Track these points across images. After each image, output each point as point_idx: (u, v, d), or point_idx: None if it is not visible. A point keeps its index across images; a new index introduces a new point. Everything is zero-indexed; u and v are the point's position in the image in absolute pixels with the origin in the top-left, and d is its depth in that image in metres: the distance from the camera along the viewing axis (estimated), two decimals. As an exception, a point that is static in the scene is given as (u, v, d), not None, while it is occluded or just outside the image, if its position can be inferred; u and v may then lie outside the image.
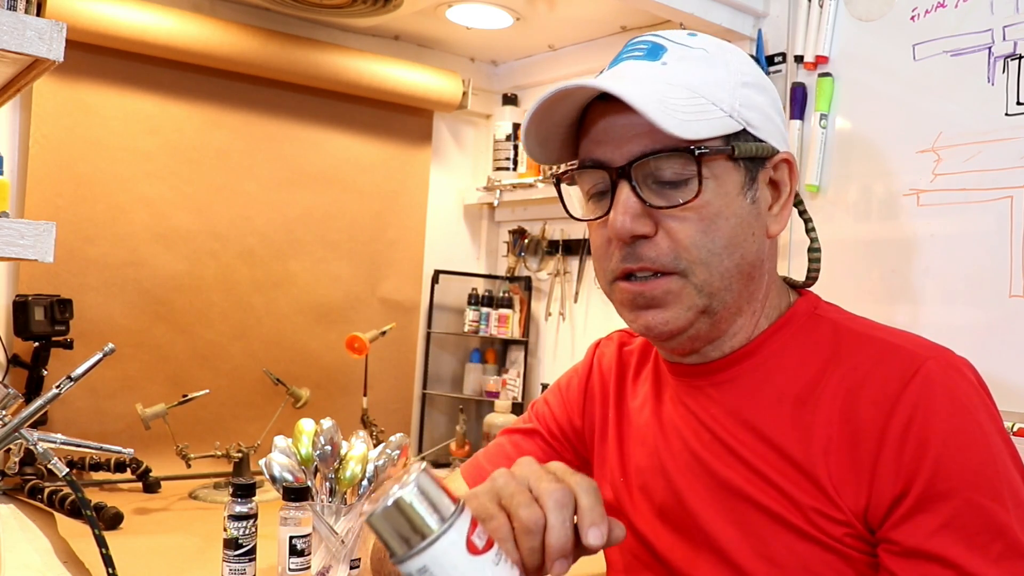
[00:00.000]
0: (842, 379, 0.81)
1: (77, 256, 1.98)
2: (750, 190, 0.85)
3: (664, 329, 0.84)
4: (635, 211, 0.81)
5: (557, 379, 1.12)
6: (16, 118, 1.95)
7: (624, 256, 0.83)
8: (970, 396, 0.77)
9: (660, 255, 0.82)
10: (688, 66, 0.83)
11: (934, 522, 0.73)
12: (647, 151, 0.81)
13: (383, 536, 0.57)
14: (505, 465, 1.05)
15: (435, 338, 2.59)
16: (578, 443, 1.05)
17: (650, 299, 0.83)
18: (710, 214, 0.82)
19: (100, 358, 1.13)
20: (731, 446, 0.85)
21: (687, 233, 0.81)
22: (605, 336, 1.10)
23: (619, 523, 0.65)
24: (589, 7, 2.11)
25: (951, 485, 0.73)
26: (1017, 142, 1.50)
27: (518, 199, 2.50)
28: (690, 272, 0.82)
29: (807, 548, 0.78)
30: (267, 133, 2.25)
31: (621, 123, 0.82)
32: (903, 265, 1.65)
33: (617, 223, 0.81)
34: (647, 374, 0.99)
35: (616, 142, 0.82)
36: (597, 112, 0.85)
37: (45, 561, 1.39)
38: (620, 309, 0.88)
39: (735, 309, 0.86)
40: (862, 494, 0.77)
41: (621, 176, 0.82)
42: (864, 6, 1.73)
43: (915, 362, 0.78)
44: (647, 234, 0.82)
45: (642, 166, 0.81)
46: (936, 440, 0.74)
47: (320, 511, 1.25)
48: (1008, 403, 1.45)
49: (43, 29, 0.90)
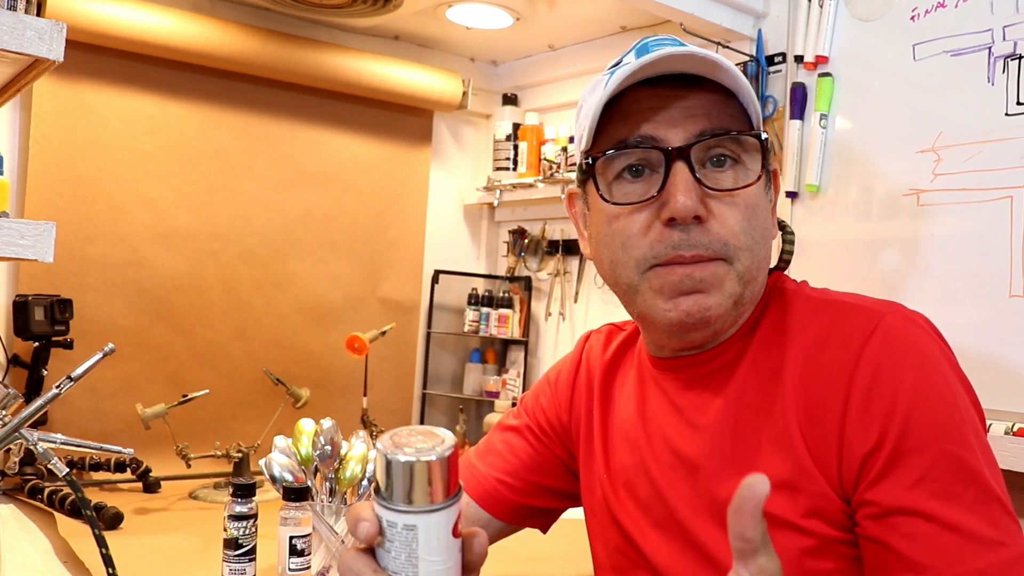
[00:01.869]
0: (801, 346, 0.81)
1: (77, 256, 1.98)
2: (768, 188, 0.87)
3: (705, 315, 0.82)
4: (697, 192, 0.80)
5: (546, 372, 1.11)
6: (16, 118, 1.95)
7: (676, 243, 0.81)
8: (931, 347, 0.77)
9: (712, 240, 0.81)
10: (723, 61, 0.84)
11: (909, 477, 0.73)
12: (712, 131, 0.81)
13: (391, 479, 0.59)
14: (496, 462, 1.06)
15: (435, 338, 2.59)
16: (566, 439, 1.05)
17: (698, 282, 0.81)
18: (753, 203, 0.83)
19: (100, 358, 1.13)
20: (711, 438, 0.85)
21: (737, 219, 0.81)
22: (596, 329, 1.09)
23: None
24: (589, 7, 2.11)
25: (923, 439, 0.74)
26: (1017, 142, 1.50)
27: (518, 199, 2.50)
28: (736, 259, 0.82)
29: (786, 537, 0.78)
30: (267, 133, 2.25)
31: (677, 104, 0.82)
32: (903, 265, 1.65)
33: (680, 203, 0.79)
34: (631, 369, 0.99)
35: (671, 122, 0.82)
36: (642, 93, 0.83)
37: (45, 561, 1.39)
38: (654, 297, 0.83)
39: (750, 303, 0.86)
40: (832, 456, 0.77)
41: (679, 157, 0.80)
42: (864, 6, 1.73)
43: (872, 319, 0.78)
44: (703, 217, 0.81)
45: (702, 147, 0.81)
46: (903, 395, 0.74)
47: (320, 511, 1.25)
48: (1008, 403, 1.45)
49: (43, 29, 0.90)
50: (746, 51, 1.90)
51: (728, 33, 1.89)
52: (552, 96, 2.50)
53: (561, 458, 1.05)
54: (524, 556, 1.47)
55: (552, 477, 1.05)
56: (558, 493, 1.06)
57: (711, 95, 0.82)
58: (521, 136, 2.50)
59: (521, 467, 1.04)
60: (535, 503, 1.05)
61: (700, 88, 0.82)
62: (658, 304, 0.83)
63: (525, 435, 1.06)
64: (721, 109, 0.83)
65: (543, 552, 1.51)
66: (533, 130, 2.48)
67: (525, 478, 1.04)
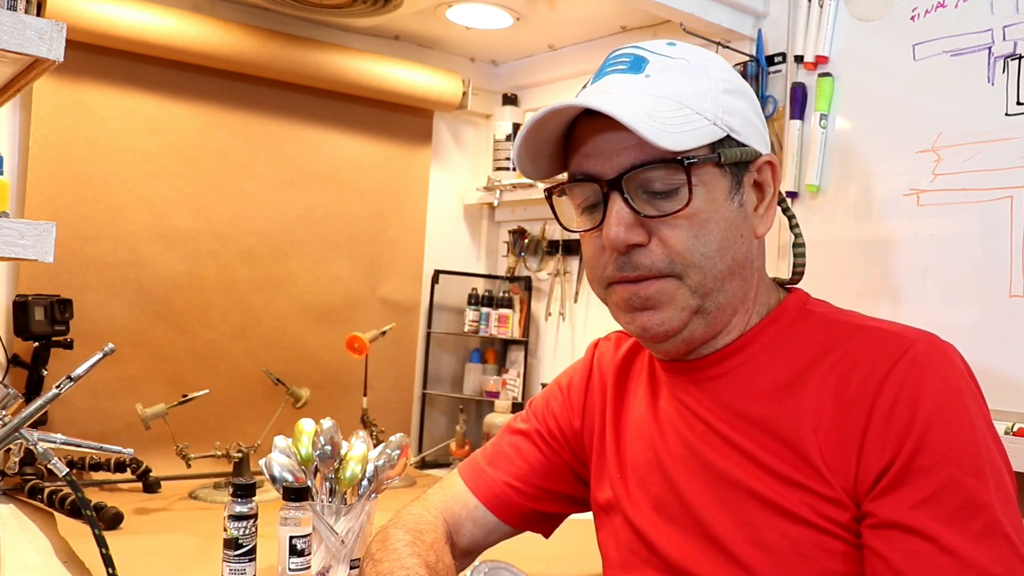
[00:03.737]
0: (834, 364, 0.83)
1: (77, 256, 1.98)
2: (737, 194, 0.87)
3: (660, 330, 0.86)
4: (628, 221, 0.84)
5: (556, 377, 1.13)
6: (16, 118, 1.95)
7: (620, 265, 0.86)
8: (956, 378, 0.79)
9: (655, 261, 0.84)
10: (671, 77, 0.85)
11: (915, 496, 0.74)
12: (637, 163, 0.83)
13: None
14: (506, 467, 1.06)
15: (435, 338, 2.59)
16: (576, 445, 1.06)
17: (645, 299, 0.85)
18: (701, 220, 0.84)
19: (100, 358, 1.13)
20: (725, 435, 0.87)
21: (680, 239, 0.84)
22: (604, 336, 1.11)
23: None
24: (589, 7, 2.11)
25: (934, 460, 0.75)
26: (1017, 142, 1.50)
27: (518, 199, 2.50)
28: (685, 275, 0.85)
29: (800, 532, 0.80)
30: (267, 133, 2.25)
31: (610, 137, 0.84)
32: (903, 265, 1.65)
33: (611, 234, 0.83)
34: (643, 373, 1.01)
35: (606, 155, 0.85)
36: (586, 127, 0.86)
37: (45, 561, 1.39)
38: (616, 312, 0.90)
39: (729, 309, 0.88)
40: (850, 469, 0.78)
41: (613, 188, 0.84)
42: (864, 6, 1.73)
43: (904, 344, 0.80)
44: (641, 243, 0.84)
45: (632, 178, 0.84)
46: (922, 415, 0.76)
47: (320, 511, 1.25)
48: (1008, 403, 1.45)
49: (43, 29, 0.90)
50: (746, 51, 1.90)
51: (728, 33, 1.89)
52: (552, 96, 2.50)
53: (570, 464, 1.06)
54: (525, 556, 1.47)
55: (561, 482, 1.06)
56: (567, 498, 1.07)
57: None
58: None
59: (531, 472, 1.06)
60: (544, 508, 1.07)
61: None
62: (621, 318, 0.90)
63: (535, 440, 1.07)
64: None
65: (545, 552, 1.50)
66: (533, 130, 2.48)
67: (534, 483, 1.05)
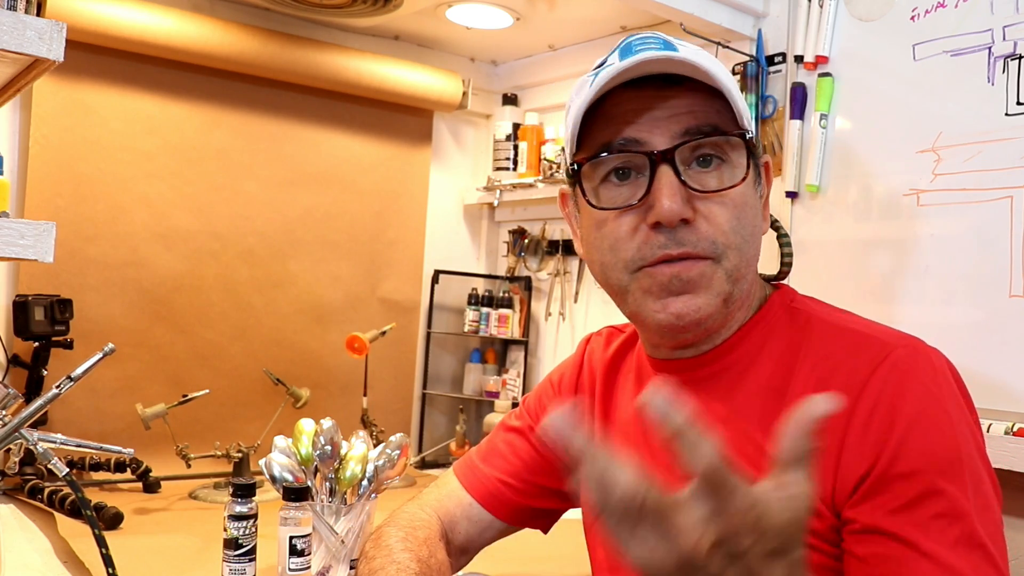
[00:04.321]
0: (813, 368, 0.82)
1: (77, 256, 1.98)
2: (758, 185, 0.87)
3: (696, 316, 0.82)
4: (682, 195, 0.80)
5: (550, 373, 1.12)
6: (16, 118, 1.95)
7: (665, 242, 0.80)
8: (938, 383, 0.77)
9: (700, 239, 0.81)
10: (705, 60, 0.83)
11: (894, 502, 0.73)
12: (698, 132, 0.81)
13: None
14: (499, 464, 1.06)
15: (435, 338, 2.59)
16: None
17: (686, 282, 0.81)
18: (741, 202, 0.82)
19: (100, 358, 1.13)
20: None
21: (725, 218, 0.81)
22: (595, 331, 1.10)
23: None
24: (589, 7, 2.11)
25: (913, 467, 0.73)
26: (1017, 142, 1.50)
27: (518, 199, 2.50)
28: (724, 257, 0.81)
29: None
30: (267, 133, 2.25)
31: (660, 105, 0.81)
32: (903, 265, 1.65)
33: (665, 207, 0.79)
34: (632, 371, 0.99)
35: (655, 123, 0.81)
36: (626, 95, 0.82)
37: (45, 561, 1.39)
38: (644, 298, 0.84)
39: (740, 302, 0.87)
40: (828, 477, 0.77)
41: (664, 159, 0.80)
42: (864, 6, 1.73)
43: (884, 349, 0.79)
44: (691, 219, 0.80)
45: (684, 149, 0.81)
46: (901, 422, 0.75)
47: (320, 511, 1.25)
48: (1008, 403, 1.45)
49: (43, 29, 0.90)
50: (746, 51, 1.90)
51: (728, 33, 1.89)
52: (552, 96, 2.50)
53: (562, 460, 1.05)
54: (524, 556, 1.47)
55: (554, 478, 1.05)
56: (560, 494, 1.06)
57: (695, 94, 0.82)
58: (521, 136, 2.50)
59: (523, 468, 1.05)
60: (537, 504, 1.06)
61: (683, 87, 0.82)
62: (648, 305, 0.83)
63: (528, 436, 1.07)
64: (706, 107, 0.82)
65: (543, 552, 1.51)
66: (533, 130, 2.48)
67: (527, 479, 1.05)
